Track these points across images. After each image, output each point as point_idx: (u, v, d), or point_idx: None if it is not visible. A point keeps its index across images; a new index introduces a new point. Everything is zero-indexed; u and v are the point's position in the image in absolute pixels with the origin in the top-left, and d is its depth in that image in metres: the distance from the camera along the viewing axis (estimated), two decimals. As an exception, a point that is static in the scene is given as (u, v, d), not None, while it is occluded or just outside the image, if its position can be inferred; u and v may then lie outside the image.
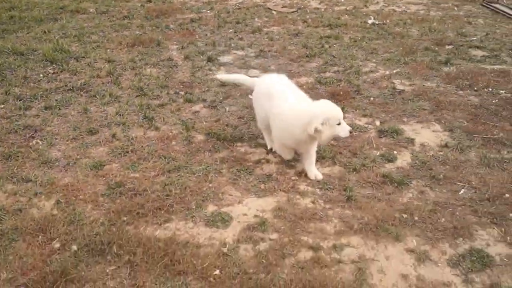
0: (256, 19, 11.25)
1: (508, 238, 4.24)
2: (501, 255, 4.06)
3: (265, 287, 3.66)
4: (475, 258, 4.01)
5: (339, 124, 4.68)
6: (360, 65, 8.17)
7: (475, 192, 4.84)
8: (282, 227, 4.30)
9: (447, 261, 4.00)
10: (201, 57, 8.58)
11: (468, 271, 3.89)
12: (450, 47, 9.19)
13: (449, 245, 4.16)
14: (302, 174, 5.09)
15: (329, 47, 9.18)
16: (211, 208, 4.57)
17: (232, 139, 5.73)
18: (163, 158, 5.34)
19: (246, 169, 5.17)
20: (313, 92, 6.99)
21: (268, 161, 5.34)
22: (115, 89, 7.07)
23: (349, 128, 4.74)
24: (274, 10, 11.99)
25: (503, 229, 4.34)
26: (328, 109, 4.72)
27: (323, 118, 4.59)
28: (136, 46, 8.99)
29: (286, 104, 4.90)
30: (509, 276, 3.84)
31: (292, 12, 11.93)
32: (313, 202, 4.67)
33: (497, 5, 12.40)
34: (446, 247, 4.14)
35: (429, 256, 4.04)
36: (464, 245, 4.15)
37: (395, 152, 5.50)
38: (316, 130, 4.59)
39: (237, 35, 10.00)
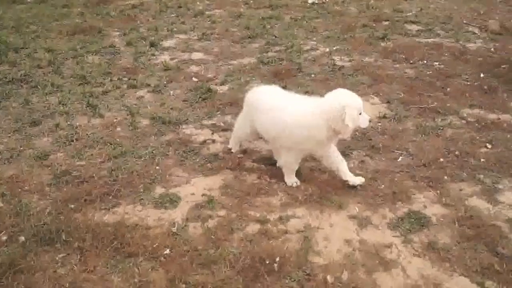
0: (198, 2, 11.26)
1: (443, 199, 4.48)
2: (437, 215, 4.29)
3: (215, 261, 3.75)
4: (413, 219, 4.22)
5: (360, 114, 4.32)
6: (301, 44, 8.31)
7: (412, 158, 5.07)
8: (230, 204, 4.41)
9: (388, 224, 4.20)
10: (144, 42, 8.57)
11: (407, 232, 4.09)
12: (386, 23, 9.46)
13: (389, 209, 4.36)
14: (247, 151, 5.21)
15: (271, 27, 9.30)
16: (159, 190, 4.62)
17: (177, 122, 5.78)
18: (108, 144, 5.34)
19: (192, 150, 5.24)
20: (256, 72, 7.10)
21: (213, 141, 5.43)
22: (57, 79, 6.98)
23: (368, 117, 4.40)
24: (216, -7, 11.99)
25: (438, 191, 4.58)
26: (353, 98, 4.31)
27: (357, 109, 4.24)
28: (76, 35, 8.88)
29: (297, 108, 4.43)
30: (445, 234, 4.07)
31: (234, -6, 11.97)
32: (259, 178, 4.79)
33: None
34: (386, 211, 4.34)
35: (370, 221, 4.23)
36: (403, 208, 4.36)
37: (336, 125, 5.66)
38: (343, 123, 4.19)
39: (179, 19, 10.01)
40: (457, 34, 8.79)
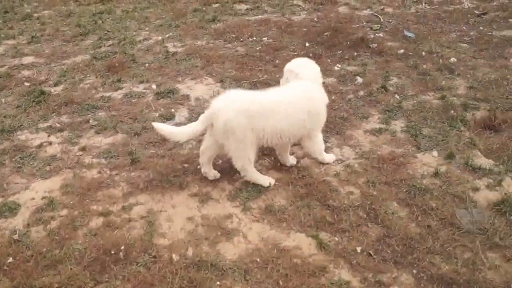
0: (26, 5, 10.84)
1: (278, 164, 4.84)
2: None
3: (60, 261, 3.77)
4: (250, 188, 4.52)
5: None
6: (134, 35, 8.38)
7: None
8: (71, 202, 4.42)
9: (227, 196, 4.46)
10: (-32, 53, 8.10)
11: (246, 201, 4.38)
12: (216, 5, 9.79)
13: (228, 182, 4.62)
14: (86, 148, 5.21)
15: (102, 22, 9.24)
16: (-4, 200, 4.51)
17: (11, 129, 5.61)
18: None
19: (29, 155, 5.14)
20: (90, 69, 7.05)
21: (50, 143, 5.35)
22: None
23: None
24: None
25: (273, 158, 4.93)
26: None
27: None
28: None
29: (305, 88, 4.59)
30: (280, 197, 4.42)
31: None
32: (99, 172, 4.83)
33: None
34: (225, 184, 4.60)
35: (211, 195, 4.46)
36: (240, 179, 4.63)
37: (173, 110, 5.85)
38: None
39: (6, 25, 9.57)
40: (283, 8, 9.36)
